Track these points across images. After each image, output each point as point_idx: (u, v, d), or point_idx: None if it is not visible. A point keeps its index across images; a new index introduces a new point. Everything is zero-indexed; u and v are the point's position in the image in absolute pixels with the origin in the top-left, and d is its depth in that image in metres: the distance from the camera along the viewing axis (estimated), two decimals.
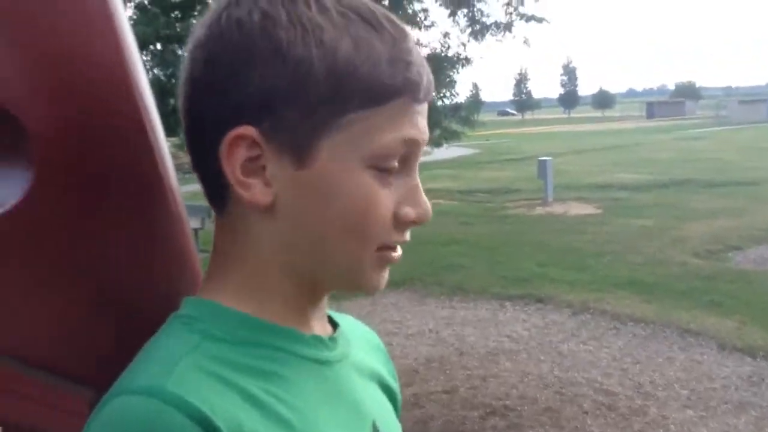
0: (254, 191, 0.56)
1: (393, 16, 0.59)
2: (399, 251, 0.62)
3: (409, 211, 0.60)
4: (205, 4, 11.61)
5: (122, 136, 0.56)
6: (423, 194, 0.61)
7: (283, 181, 0.56)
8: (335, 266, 0.60)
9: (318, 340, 0.63)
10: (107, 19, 0.55)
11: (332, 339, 0.65)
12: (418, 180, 0.62)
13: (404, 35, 0.59)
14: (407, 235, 0.62)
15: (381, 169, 0.58)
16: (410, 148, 0.59)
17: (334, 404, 0.61)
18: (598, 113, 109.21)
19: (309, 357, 0.61)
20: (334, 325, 0.69)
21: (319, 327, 0.65)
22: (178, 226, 0.61)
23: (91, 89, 0.54)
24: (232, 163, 0.55)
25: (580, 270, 8.45)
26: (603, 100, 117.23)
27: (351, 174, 0.57)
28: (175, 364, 0.52)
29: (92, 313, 0.57)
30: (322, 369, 0.62)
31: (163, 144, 0.60)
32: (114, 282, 0.58)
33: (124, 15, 0.57)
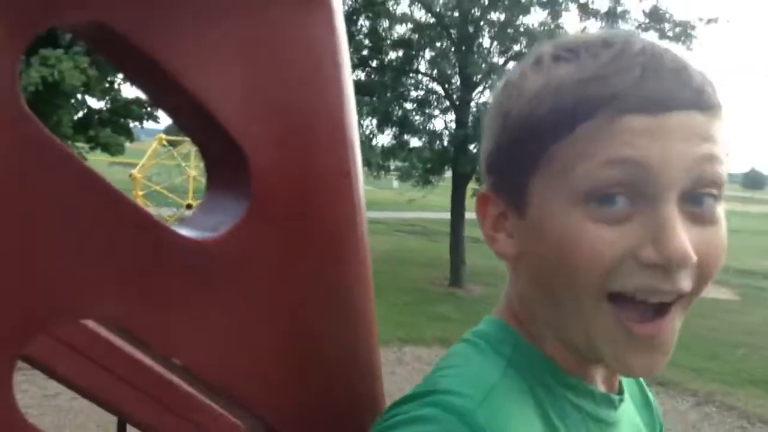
0: (499, 244, 0.59)
1: (617, 37, 0.53)
2: (653, 315, 0.51)
3: (649, 253, 0.50)
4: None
5: (331, 179, 0.60)
6: (673, 230, 0.49)
7: (517, 232, 0.57)
8: (570, 328, 0.55)
9: (607, 399, 0.61)
10: (334, 70, 0.59)
11: (620, 398, 0.62)
12: (669, 213, 0.50)
13: (611, 49, 0.52)
14: (667, 283, 0.50)
15: (600, 202, 0.50)
16: (629, 171, 0.49)
17: None
18: (747, 194, 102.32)
19: (596, 416, 0.59)
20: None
21: (604, 379, 0.62)
22: (364, 270, 0.63)
23: (311, 133, 0.59)
24: (483, 219, 0.60)
25: (709, 358, 7.86)
26: (754, 180, 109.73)
27: (559, 215, 0.52)
28: (488, 391, 0.53)
29: (277, 345, 0.59)
30: (603, 429, 0.60)
31: (362, 190, 0.63)
32: (301, 317, 0.60)
33: (348, 66, 0.61)
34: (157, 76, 0.50)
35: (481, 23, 11.72)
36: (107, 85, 14.23)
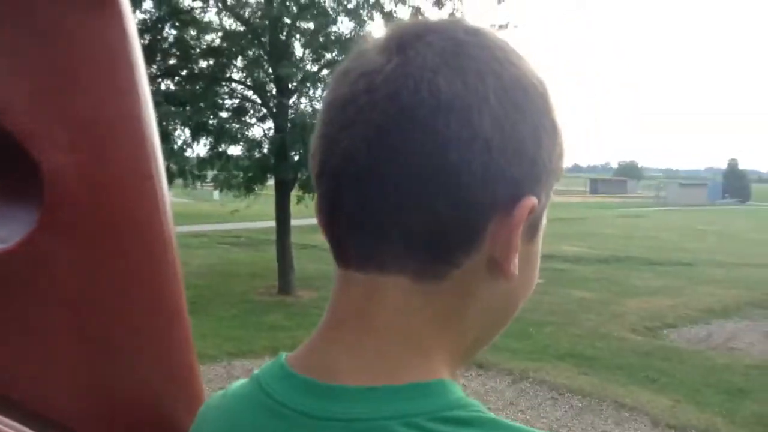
0: (515, 261, 0.53)
1: None
2: None
3: None
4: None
5: (132, 182, 0.59)
6: None
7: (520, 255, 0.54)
8: (498, 332, 0.60)
9: None
10: (128, 72, 0.59)
11: None
12: None
13: None
14: None
15: None
16: None
17: None
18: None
19: None
20: None
21: None
22: (172, 271, 0.63)
23: (107, 137, 0.58)
24: (520, 230, 0.52)
25: (521, 339, 8.54)
26: None
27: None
28: None
29: (84, 351, 0.58)
30: None
31: (166, 192, 0.63)
32: (108, 321, 0.59)
33: (143, 69, 0.61)
34: None
35: (292, 31, 11.80)
36: None
